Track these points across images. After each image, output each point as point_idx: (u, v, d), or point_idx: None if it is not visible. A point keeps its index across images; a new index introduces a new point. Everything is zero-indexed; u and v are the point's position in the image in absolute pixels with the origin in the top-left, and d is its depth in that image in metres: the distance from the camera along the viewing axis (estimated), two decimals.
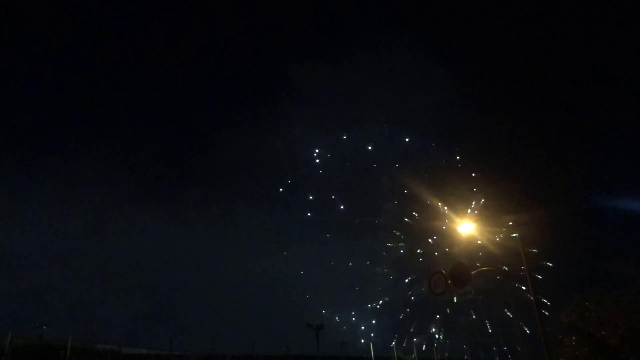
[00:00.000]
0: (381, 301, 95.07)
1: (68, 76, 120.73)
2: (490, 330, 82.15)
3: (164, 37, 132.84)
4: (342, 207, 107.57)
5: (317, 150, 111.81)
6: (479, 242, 70.99)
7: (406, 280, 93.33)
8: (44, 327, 38.39)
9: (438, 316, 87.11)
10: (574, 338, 25.66)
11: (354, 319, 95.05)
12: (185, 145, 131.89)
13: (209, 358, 36.61)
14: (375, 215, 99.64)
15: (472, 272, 20.77)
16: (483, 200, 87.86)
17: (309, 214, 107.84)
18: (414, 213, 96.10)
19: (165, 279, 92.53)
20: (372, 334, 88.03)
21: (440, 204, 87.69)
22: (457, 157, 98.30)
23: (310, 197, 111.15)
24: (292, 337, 57.93)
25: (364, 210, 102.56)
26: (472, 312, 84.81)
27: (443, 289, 20.35)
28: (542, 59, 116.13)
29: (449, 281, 20.10)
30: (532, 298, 24.11)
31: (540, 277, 78.34)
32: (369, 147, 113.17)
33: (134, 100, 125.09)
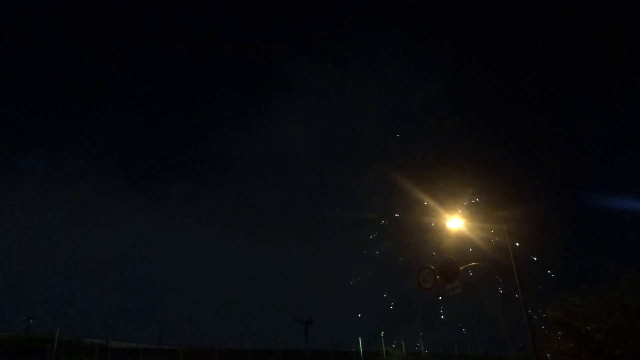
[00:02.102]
0: (368, 296, 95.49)
1: (55, 67, 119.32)
2: (477, 325, 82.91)
3: (154, 32, 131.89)
4: (329, 202, 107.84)
5: (306, 146, 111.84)
6: (470, 248, 71.46)
7: (392, 276, 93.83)
8: (31, 321, 38.18)
9: (425, 311, 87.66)
10: (559, 333, 25.96)
11: (342, 313, 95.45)
12: (173, 139, 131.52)
13: (197, 352, 36.54)
14: (363, 210, 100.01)
15: (461, 268, 20.96)
16: (474, 196, 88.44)
17: (296, 213, 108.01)
18: (398, 211, 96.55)
19: (151, 272, 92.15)
20: (360, 328, 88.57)
21: (428, 199, 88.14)
22: (447, 152, 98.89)
23: (299, 194, 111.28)
24: (281, 331, 58.03)
25: (352, 205, 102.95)
26: (458, 307, 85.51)
27: (431, 284, 20.51)
28: (533, 55, 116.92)
29: (438, 276, 20.26)
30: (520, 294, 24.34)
31: (539, 286, 79.05)
32: (358, 142, 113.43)
33: (123, 93, 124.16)
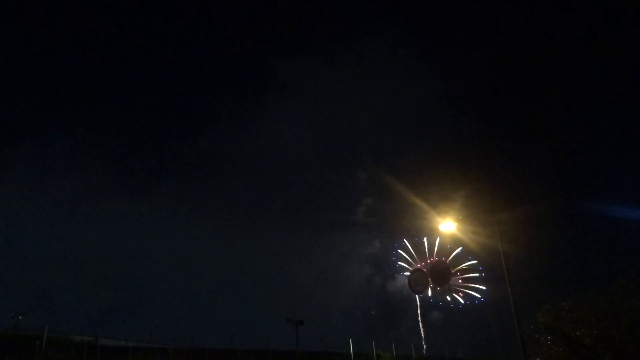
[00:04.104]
0: (358, 297, 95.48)
1: (46, 62, 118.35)
2: (467, 328, 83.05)
3: (147, 30, 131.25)
4: (321, 203, 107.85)
5: (298, 146, 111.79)
6: (462, 251, 71.38)
7: (382, 277, 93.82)
8: (20, 317, 37.97)
9: (418, 313, 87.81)
10: (549, 337, 26.08)
11: (332, 313, 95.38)
12: (164, 137, 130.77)
13: (187, 351, 36.40)
14: (354, 211, 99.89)
15: (453, 270, 21.04)
16: (466, 199, 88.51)
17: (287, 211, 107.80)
18: (390, 213, 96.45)
19: (141, 270, 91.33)
20: (350, 330, 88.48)
21: (420, 202, 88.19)
22: (441, 155, 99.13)
23: (290, 194, 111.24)
24: (272, 331, 57.97)
25: (343, 206, 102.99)
26: (450, 310, 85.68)
27: (424, 287, 20.57)
28: (529, 58, 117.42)
29: (430, 279, 20.32)
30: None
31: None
32: (351, 143, 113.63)
33: (114, 90, 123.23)
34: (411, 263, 76.59)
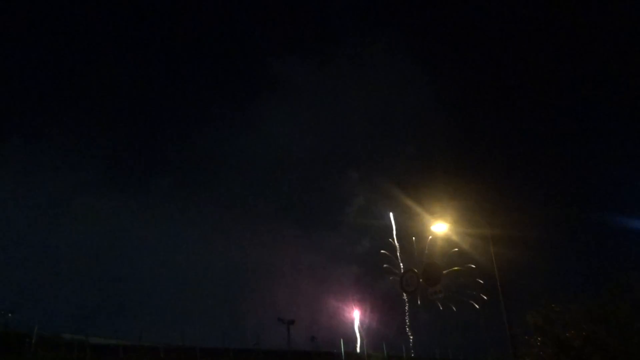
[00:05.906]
0: (347, 297, 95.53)
1: (36, 57, 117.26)
2: (457, 329, 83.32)
3: (140, 26, 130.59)
4: (312, 202, 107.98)
5: (291, 146, 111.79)
6: (456, 250, 71.72)
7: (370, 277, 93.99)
8: (9, 315, 37.65)
9: (406, 314, 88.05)
10: (539, 339, 26.24)
11: (322, 313, 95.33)
12: (156, 134, 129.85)
13: (178, 350, 36.31)
14: (344, 211, 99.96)
15: (444, 272, 21.12)
16: (461, 202, 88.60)
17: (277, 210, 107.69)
18: (381, 213, 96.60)
19: (130, 268, 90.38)
20: (340, 329, 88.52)
21: (413, 203, 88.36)
22: (435, 157, 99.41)
23: (282, 194, 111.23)
24: (263, 331, 57.87)
25: (333, 205, 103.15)
26: (439, 310, 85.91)
27: (414, 288, 20.64)
28: (525, 63, 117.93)
29: (421, 280, 20.40)
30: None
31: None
32: (344, 144, 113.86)
33: (106, 86, 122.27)
34: (398, 265, 76.94)
